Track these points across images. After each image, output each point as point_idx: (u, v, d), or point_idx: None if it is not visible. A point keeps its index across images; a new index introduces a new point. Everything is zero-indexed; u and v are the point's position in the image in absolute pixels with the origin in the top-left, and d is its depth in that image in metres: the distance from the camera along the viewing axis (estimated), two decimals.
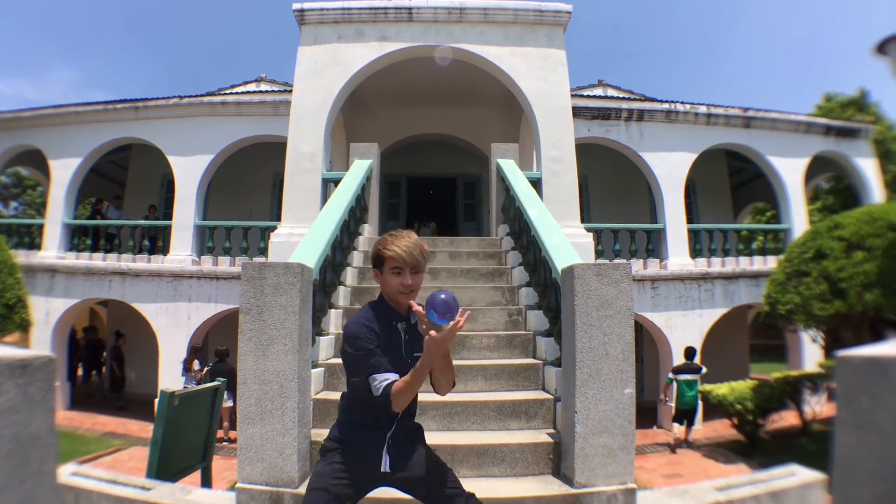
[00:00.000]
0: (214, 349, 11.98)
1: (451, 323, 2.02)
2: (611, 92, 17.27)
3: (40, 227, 12.39)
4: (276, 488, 3.37)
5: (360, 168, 7.82)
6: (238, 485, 3.42)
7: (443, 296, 2.04)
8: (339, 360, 4.88)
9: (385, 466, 2.33)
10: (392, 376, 2.23)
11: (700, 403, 9.72)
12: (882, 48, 6.68)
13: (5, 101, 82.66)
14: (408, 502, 2.64)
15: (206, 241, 11.52)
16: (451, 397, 4.34)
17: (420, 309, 2.09)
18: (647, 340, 12.16)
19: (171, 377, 10.54)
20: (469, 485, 3.45)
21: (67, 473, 3.79)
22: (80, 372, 15.26)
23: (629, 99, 14.55)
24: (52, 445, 1.35)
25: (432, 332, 2.05)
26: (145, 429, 10.23)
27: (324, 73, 9.58)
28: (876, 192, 13.07)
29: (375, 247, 2.38)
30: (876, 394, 1.32)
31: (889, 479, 1.28)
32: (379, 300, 2.43)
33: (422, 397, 3.54)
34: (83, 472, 3.93)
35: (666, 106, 12.39)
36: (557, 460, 3.75)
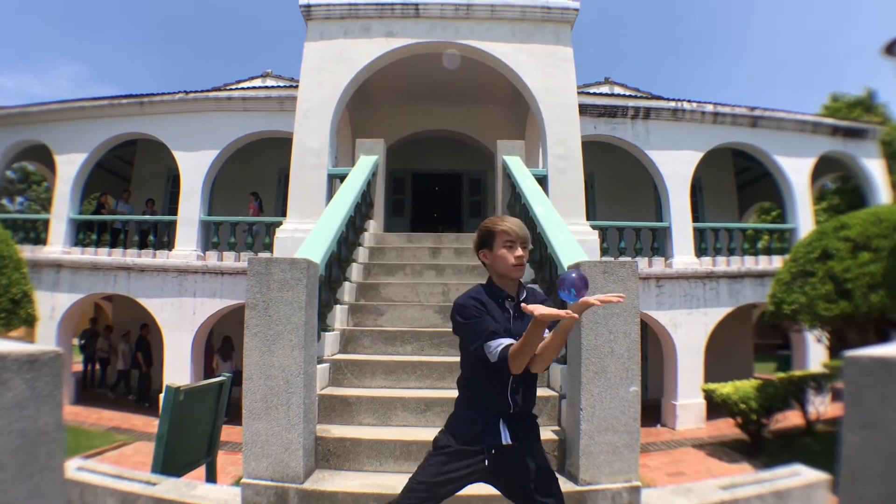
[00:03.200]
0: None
1: (582, 300, 2.11)
2: (617, 90, 17.20)
3: (46, 222, 12.42)
4: (281, 484, 3.38)
5: (366, 164, 7.82)
6: (243, 480, 3.43)
7: (574, 274, 2.13)
8: (345, 356, 4.94)
9: (506, 438, 2.33)
10: (507, 340, 2.26)
11: (703, 402, 9.70)
12: (890, 49, 6.65)
13: (11, 96, 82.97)
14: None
15: (212, 237, 11.54)
16: (454, 393, 4.35)
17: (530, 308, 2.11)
18: (651, 339, 12.14)
19: (175, 372, 10.57)
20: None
21: (73, 468, 3.81)
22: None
23: (636, 97, 14.50)
24: (60, 441, 1.35)
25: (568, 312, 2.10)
26: (150, 424, 10.26)
27: (330, 68, 9.58)
28: (883, 193, 13.01)
29: (483, 227, 2.46)
30: (884, 394, 1.31)
31: None
32: (487, 282, 2.48)
33: (428, 394, 3.56)
34: (89, 467, 3.95)
35: (672, 104, 12.34)
36: (562, 457, 3.75)
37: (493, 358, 2.22)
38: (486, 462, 2.33)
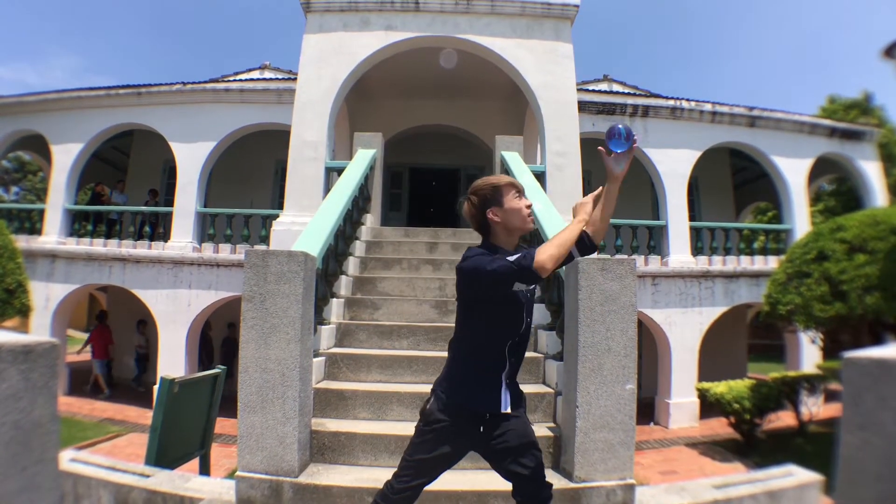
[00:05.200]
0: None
1: (630, 147, 2.37)
2: (616, 87, 17.19)
3: (41, 212, 12.35)
4: (276, 477, 3.37)
5: (364, 158, 7.80)
6: (238, 473, 3.42)
7: (621, 125, 2.40)
8: (341, 350, 4.93)
9: (505, 406, 2.35)
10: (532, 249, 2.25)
11: (697, 401, 9.72)
12: (890, 52, 6.66)
13: (7, 85, 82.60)
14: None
15: (208, 229, 11.51)
16: None
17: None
18: (646, 337, 12.17)
19: (170, 363, 10.55)
20: (468, 477, 3.47)
21: (66, 459, 3.80)
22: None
23: (634, 94, 14.49)
24: (54, 432, 1.34)
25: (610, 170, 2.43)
26: (143, 415, 10.25)
27: (329, 61, 9.54)
28: (879, 195, 13.04)
29: (482, 187, 2.43)
30: (882, 395, 1.32)
31: (893, 481, 1.28)
32: (485, 244, 2.43)
33: (423, 389, 3.55)
34: (82, 459, 3.93)
35: (671, 102, 12.33)
36: (557, 454, 3.76)
37: (528, 262, 2.15)
38: (482, 429, 2.34)
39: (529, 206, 2.42)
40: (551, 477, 3.54)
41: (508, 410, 2.36)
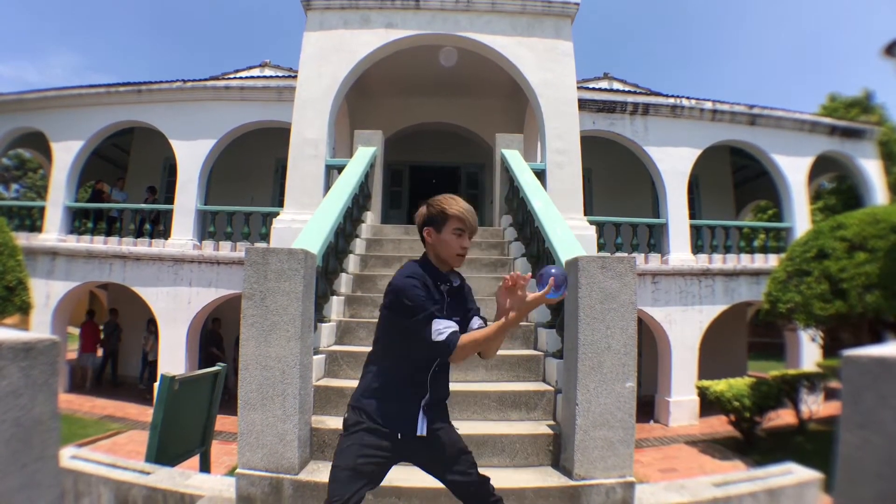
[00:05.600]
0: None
1: (561, 296, 2.12)
2: (616, 85, 17.17)
3: (41, 209, 12.35)
4: (276, 474, 3.38)
5: (364, 155, 7.79)
6: (238, 470, 3.43)
7: (553, 270, 2.14)
8: (341, 348, 4.93)
9: (421, 430, 2.30)
10: (454, 326, 2.21)
11: (697, 399, 9.72)
12: (890, 50, 6.64)
13: (8, 83, 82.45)
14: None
15: (208, 226, 11.51)
16: (451, 387, 4.35)
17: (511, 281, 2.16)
18: (646, 335, 12.17)
19: (170, 360, 10.56)
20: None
21: (67, 457, 3.81)
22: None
23: (635, 93, 14.47)
24: (55, 429, 1.34)
25: (529, 295, 2.12)
26: (144, 412, 10.25)
27: (329, 59, 9.53)
28: (879, 193, 13.03)
29: (435, 205, 2.39)
30: (882, 394, 1.32)
31: (892, 479, 1.28)
32: (423, 260, 2.42)
33: None
34: (82, 456, 3.94)
35: (671, 101, 12.32)
36: (557, 452, 3.76)
37: (439, 336, 2.16)
38: (398, 444, 2.31)
39: (465, 249, 2.36)
40: (551, 474, 3.56)
41: (424, 434, 2.31)
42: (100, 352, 14.11)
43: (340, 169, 7.79)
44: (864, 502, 1.34)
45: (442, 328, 2.18)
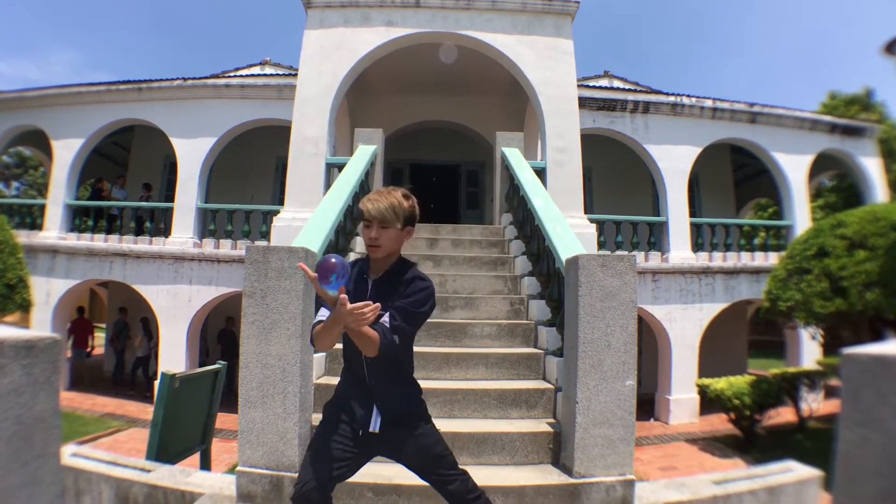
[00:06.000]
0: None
1: (341, 297, 1.93)
2: (616, 83, 17.15)
3: (42, 207, 12.36)
4: (276, 472, 3.38)
5: (365, 154, 7.79)
6: (238, 468, 3.43)
7: (333, 259, 1.93)
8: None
9: (374, 426, 2.33)
10: (322, 315, 2.21)
11: (697, 397, 9.73)
12: (890, 48, 6.64)
13: (8, 81, 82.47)
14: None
15: (209, 224, 11.51)
16: (452, 385, 4.37)
17: (308, 270, 2.03)
18: (646, 333, 12.17)
19: (171, 358, 10.56)
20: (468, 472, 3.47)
21: (68, 454, 3.81)
22: None
23: (635, 91, 14.45)
24: (56, 427, 1.34)
25: (343, 299, 1.94)
26: (144, 410, 10.27)
27: (329, 57, 9.52)
28: (879, 191, 13.03)
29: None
30: (881, 392, 1.32)
31: (891, 477, 1.28)
32: (365, 255, 2.49)
33: (424, 385, 3.55)
34: (83, 453, 3.94)
35: (672, 99, 12.32)
36: (557, 450, 3.77)
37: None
38: (360, 438, 2.34)
39: (372, 239, 2.34)
40: (551, 472, 3.57)
41: (376, 431, 2.32)
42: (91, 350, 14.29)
43: (341, 167, 7.79)
44: (863, 500, 1.34)
45: (316, 319, 2.25)
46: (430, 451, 2.44)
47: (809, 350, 11.52)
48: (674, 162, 12.04)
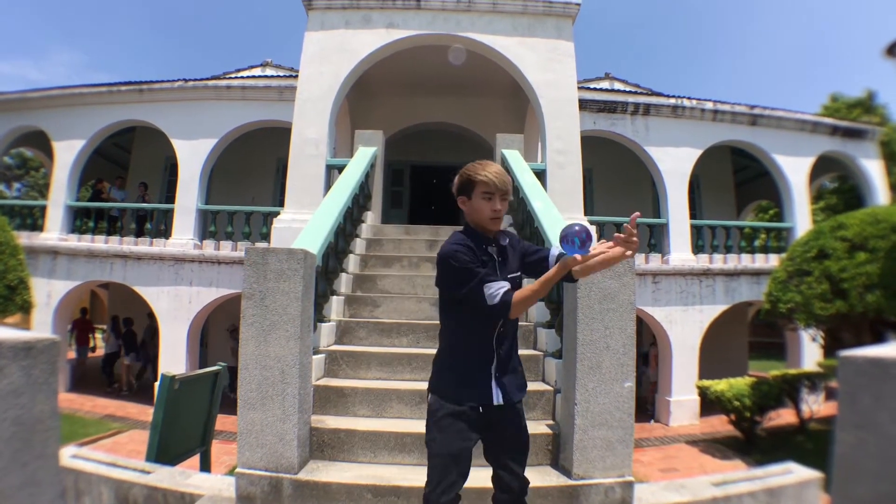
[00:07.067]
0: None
1: (586, 254, 2.06)
2: (617, 85, 17.16)
3: (43, 208, 12.36)
4: (275, 474, 3.39)
5: (365, 155, 7.80)
6: (238, 470, 3.44)
7: (577, 227, 2.09)
8: (341, 347, 4.94)
9: (497, 399, 2.35)
10: (506, 284, 2.25)
11: (697, 399, 9.72)
12: (891, 51, 6.65)
13: (9, 82, 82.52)
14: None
15: (209, 226, 11.52)
16: None
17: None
18: (646, 335, 12.17)
19: (171, 360, 10.56)
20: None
21: (68, 456, 3.82)
22: None
23: (635, 93, 14.46)
24: (55, 428, 1.35)
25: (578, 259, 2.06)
26: (144, 412, 10.27)
27: (330, 59, 9.54)
28: (881, 193, 13.02)
29: (463, 173, 2.40)
30: (878, 395, 1.32)
31: (889, 480, 1.28)
32: (465, 228, 2.44)
33: (422, 386, 3.56)
34: (83, 455, 3.95)
35: (672, 101, 12.31)
36: (556, 451, 3.77)
37: (493, 300, 2.20)
38: (477, 418, 2.35)
39: (496, 211, 2.34)
40: (550, 474, 3.57)
41: (501, 402, 2.35)
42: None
43: (341, 169, 7.80)
44: (860, 502, 1.34)
45: (494, 291, 2.22)
46: (522, 437, 2.50)
47: (810, 352, 11.51)
48: (674, 164, 12.03)
